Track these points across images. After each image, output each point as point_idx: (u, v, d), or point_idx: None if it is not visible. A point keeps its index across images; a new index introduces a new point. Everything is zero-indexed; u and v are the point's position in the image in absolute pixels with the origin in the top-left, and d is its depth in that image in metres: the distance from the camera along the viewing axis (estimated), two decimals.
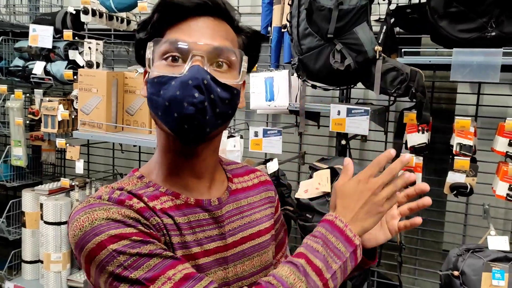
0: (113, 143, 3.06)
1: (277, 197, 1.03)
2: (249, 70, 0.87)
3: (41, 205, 2.65)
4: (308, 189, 1.87)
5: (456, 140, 1.88)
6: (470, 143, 1.86)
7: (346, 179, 0.82)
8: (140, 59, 0.85)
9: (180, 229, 0.79)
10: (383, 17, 1.95)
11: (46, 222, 2.62)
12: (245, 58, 0.81)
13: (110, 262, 0.70)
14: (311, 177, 1.95)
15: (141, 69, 2.37)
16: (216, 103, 0.75)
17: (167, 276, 0.69)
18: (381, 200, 0.79)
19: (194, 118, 0.74)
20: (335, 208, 0.81)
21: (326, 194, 1.84)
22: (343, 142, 2.20)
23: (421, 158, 1.95)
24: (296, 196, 1.89)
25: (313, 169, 1.97)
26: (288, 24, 1.93)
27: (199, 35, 0.77)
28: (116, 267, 0.69)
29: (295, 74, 1.99)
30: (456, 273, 1.71)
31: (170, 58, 0.77)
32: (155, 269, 0.69)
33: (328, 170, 1.87)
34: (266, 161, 2.06)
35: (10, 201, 2.94)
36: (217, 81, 0.76)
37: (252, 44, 0.87)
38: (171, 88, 0.74)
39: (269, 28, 2.34)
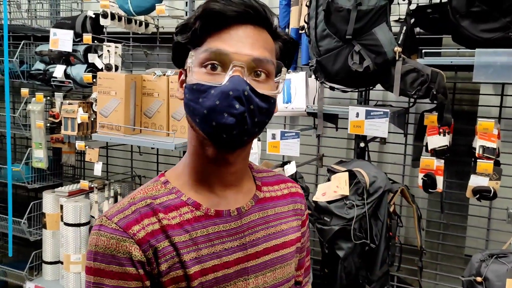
0: (131, 146, 3.08)
1: (306, 212, 1.00)
2: (288, 68, 0.87)
3: (61, 206, 2.68)
4: (326, 192, 1.85)
5: (479, 143, 1.83)
6: (494, 145, 1.81)
7: None
8: (176, 61, 0.86)
9: (196, 243, 0.79)
10: (403, 17, 1.92)
11: (66, 224, 2.65)
12: (284, 69, 0.82)
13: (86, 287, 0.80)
14: (329, 180, 1.93)
15: (158, 72, 2.38)
16: (254, 113, 0.77)
17: None
18: None
19: (233, 128, 0.75)
20: None
21: (344, 197, 1.82)
22: (362, 144, 2.17)
23: (442, 161, 1.91)
24: (314, 199, 1.87)
25: (331, 172, 1.95)
26: (306, 25, 1.91)
27: (240, 45, 0.77)
28: None
29: (313, 76, 1.97)
30: (479, 279, 1.66)
31: (210, 66, 0.77)
32: None
33: (347, 173, 1.85)
34: (283, 163, 2.04)
35: (31, 203, 2.98)
36: (256, 92, 0.77)
37: (286, 51, 0.87)
38: (211, 97, 0.75)
39: (286, 30, 2.32)
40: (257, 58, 0.77)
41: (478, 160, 1.82)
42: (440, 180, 1.91)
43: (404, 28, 1.80)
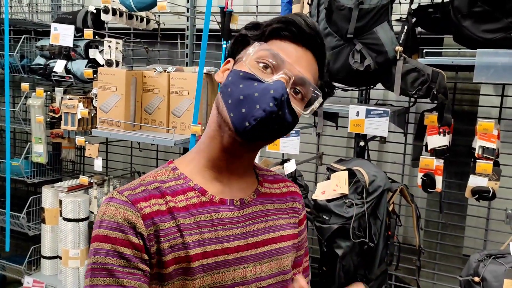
0: (131, 142, 3.08)
1: (304, 212, 1.04)
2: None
3: (60, 201, 2.68)
4: (325, 190, 1.85)
5: (478, 143, 1.83)
6: (493, 146, 1.82)
7: None
8: (231, 51, 0.92)
9: (200, 227, 0.84)
10: (404, 16, 1.92)
11: (65, 219, 2.65)
12: (319, 99, 0.88)
13: (89, 256, 0.81)
14: (328, 178, 1.93)
15: (159, 68, 2.38)
16: (279, 121, 0.82)
17: None
18: None
19: (259, 122, 0.79)
20: None
21: (344, 196, 1.82)
22: (362, 143, 2.17)
23: (442, 161, 1.91)
24: (313, 197, 1.87)
25: (331, 170, 1.95)
26: None
27: (297, 61, 0.85)
28: (89, 263, 0.80)
29: None
30: (476, 279, 1.67)
31: (263, 64, 0.84)
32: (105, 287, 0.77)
33: (346, 172, 1.85)
34: (283, 161, 2.04)
35: (31, 197, 2.98)
36: (289, 104, 0.83)
37: (323, 92, 0.92)
38: (252, 88, 0.81)
39: None
40: (305, 78, 0.85)
41: (477, 160, 1.83)
42: (439, 180, 1.91)
43: (406, 27, 1.80)
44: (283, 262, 0.93)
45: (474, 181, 1.84)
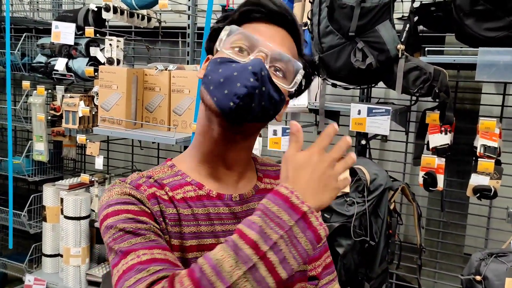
0: (132, 140, 3.08)
1: None
2: (297, 94, 0.93)
3: (62, 199, 2.68)
4: None
5: (480, 142, 1.83)
6: (495, 145, 1.81)
7: (297, 149, 0.76)
8: (209, 49, 0.93)
9: (197, 219, 0.83)
10: (406, 14, 1.91)
11: (66, 217, 2.65)
12: (301, 71, 0.86)
13: (105, 233, 0.78)
14: None
15: (160, 66, 2.38)
16: (264, 97, 0.80)
17: (138, 254, 0.73)
18: (337, 174, 0.74)
19: (242, 98, 0.77)
20: (286, 180, 0.73)
21: (345, 194, 1.82)
22: (363, 142, 2.17)
23: (443, 159, 1.91)
24: None
25: None
26: (309, 22, 1.91)
27: (270, 38, 0.85)
28: (108, 238, 0.78)
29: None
30: (478, 278, 1.66)
31: (238, 48, 0.84)
32: (133, 246, 0.74)
33: (347, 170, 1.84)
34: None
35: (32, 195, 2.98)
36: (271, 80, 0.82)
37: (306, 73, 0.91)
38: (230, 69, 0.80)
39: None
40: (281, 53, 0.84)
41: (479, 159, 1.82)
42: (441, 178, 1.91)
43: (408, 26, 1.80)
44: None
45: (476, 180, 1.84)
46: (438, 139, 1.90)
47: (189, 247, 0.81)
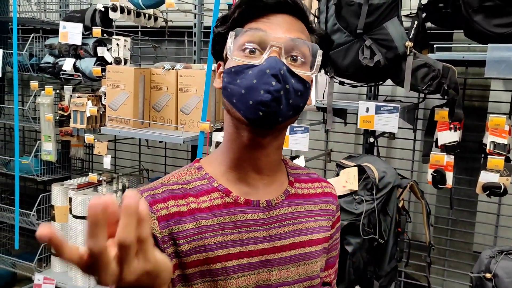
0: (140, 139, 3.09)
1: (338, 214, 0.99)
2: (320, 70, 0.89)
3: (70, 199, 2.69)
4: (335, 186, 1.85)
5: (489, 139, 1.82)
6: (505, 141, 1.80)
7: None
8: (216, 54, 0.89)
9: (223, 228, 0.81)
10: (414, 11, 1.91)
11: (74, 216, 2.67)
12: (319, 52, 0.82)
13: None
14: (338, 174, 1.93)
15: (167, 65, 2.38)
16: (290, 94, 0.78)
17: None
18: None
19: (269, 105, 0.76)
20: None
21: (353, 192, 1.82)
22: (371, 139, 2.16)
23: (452, 157, 1.90)
24: None
25: (340, 166, 1.95)
26: (316, 20, 1.90)
27: (278, 28, 0.80)
28: None
29: (323, 71, 1.96)
30: (488, 275, 1.66)
31: (248, 50, 0.80)
32: None
33: (356, 168, 1.84)
34: (292, 158, 2.04)
35: (40, 195, 3.00)
36: (292, 72, 0.78)
37: (322, 46, 0.87)
38: (248, 77, 0.77)
39: None
40: (294, 39, 0.80)
41: (488, 156, 1.81)
42: (449, 176, 1.90)
43: (416, 22, 1.79)
44: (311, 267, 0.88)
45: (485, 177, 1.83)
46: (447, 136, 1.90)
47: (216, 258, 0.80)
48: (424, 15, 1.96)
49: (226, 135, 0.87)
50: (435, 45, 1.81)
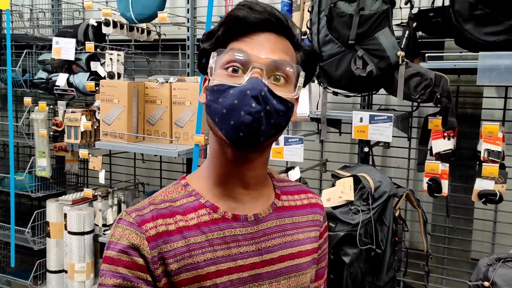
0: (135, 153, 3.08)
1: (325, 224, 1.00)
2: (304, 85, 0.89)
3: (65, 215, 2.67)
4: (331, 197, 1.84)
5: (484, 146, 1.82)
6: (499, 149, 1.80)
7: None
8: (201, 68, 0.90)
9: (212, 245, 0.81)
10: (404, 20, 1.92)
11: (70, 232, 2.64)
12: (302, 73, 0.84)
13: (100, 276, 0.82)
14: (333, 185, 1.92)
15: (161, 79, 2.38)
16: (271, 114, 0.79)
17: None
18: None
19: (250, 126, 0.77)
20: None
21: (350, 203, 1.81)
22: (366, 149, 2.16)
23: (447, 165, 1.90)
24: None
25: (336, 177, 1.94)
26: (308, 31, 1.91)
27: (260, 48, 0.81)
28: (99, 281, 0.81)
29: (316, 81, 1.97)
30: (486, 283, 1.65)
31: (231, 68, 0.81)
32: None
33: (351, 178, 1.84)
34: (287, 169, 2.04)
35: (35, 212, 2.98)
36: (273, 94, 0.79)
37: (308, 62, 0.89)
38: (230, 97, 0.78)
39: None
40: (276, 61, 0.80)
41: (483, 163, 1.81)
42: (445, 184, 1.90)
43: (407, 32, 1.80)
44: (301, 278, 0.89)
45: (481, 185, 1.83)
46: (441, 144, 1.90)
47: (206, 275, 0.80)
48: (415, 24, 1.98)
49: (210, 151, 0.87)
50: (426, 54, 1.82)
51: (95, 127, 2.63)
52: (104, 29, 2.49)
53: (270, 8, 0.82)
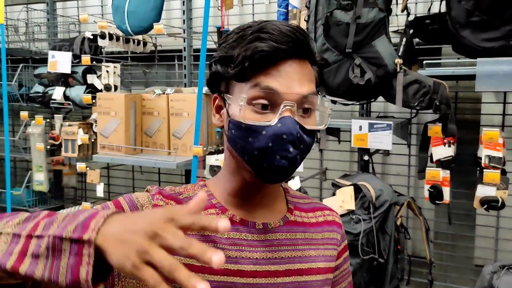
0: (133, 166, 3.06)
1: (344, 243, 0.96)
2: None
3: None
4: (331, 207, 1.82)
5: (484, 152, 1.81)
6: (500, 155, 1.79)
7: (184, 209, 0.59)
8: (211, 86, 0.84)
9: (215, 241, 0.80)
10: (401, 28, 1.92)
11: None
12: (328, 110, 0.82)
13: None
14: (334, 194, 1.90)
15: (158, 90, 2.37)
16: (304, 151, 0.78)
17: None
18: (146, 254, 0.53)
19: (286, 170, 0.76)
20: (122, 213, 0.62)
21: (351, 212, 1.79)
22: (366, 157, 2.15)
23: (448, 171, 1.89)
24: None
25: (336, 186, 1.93)
26: None
27: (289, 82, 0.75)
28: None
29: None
30: None
31: (260, 105, 0.75)
32: None
33: (352, 187, 1.82)
34: (288, 179, 2.02)
35: None
36: (305, 130, 0.76)
37: (321, 73, 0.86)
38: (262, 139, 0.74)
39: None
40: (305, 95, 0.76)
41: (484, 170, 1.80)
42: (446, 191, 1.89)
43: (404, 39, 1.80)
44: None
45: (482, 191, 1.81)
46: (442, 151, 1.89)
47: (199, 268, 0.78)
48: (411, 31, 1.98)
49: (227, 168, 0.85)
50: (424, 61, 1.82)
51: (93, 140, 2.62)
52: (100, 42, 2.48)
53: (293, 33, 0.76)
